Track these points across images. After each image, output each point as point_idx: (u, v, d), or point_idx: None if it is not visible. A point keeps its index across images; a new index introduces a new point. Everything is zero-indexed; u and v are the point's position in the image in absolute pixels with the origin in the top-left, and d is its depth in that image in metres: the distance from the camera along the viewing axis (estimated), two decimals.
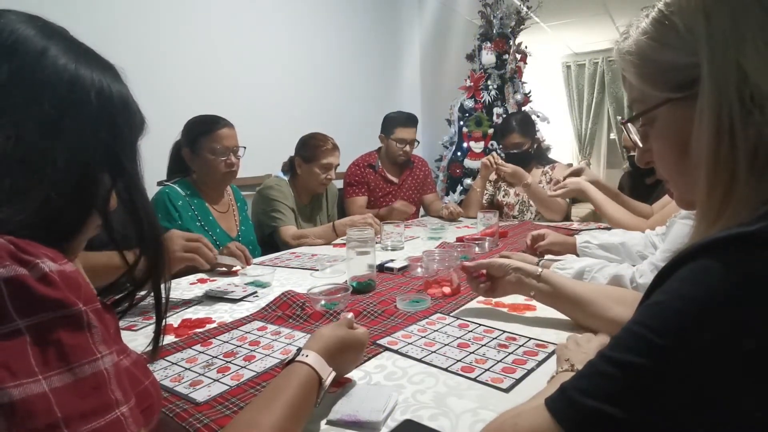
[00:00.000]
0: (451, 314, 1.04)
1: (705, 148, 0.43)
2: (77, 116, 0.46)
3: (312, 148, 2.11)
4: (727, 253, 0.37)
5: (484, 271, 1.05)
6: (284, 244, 1.96)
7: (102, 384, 0.38)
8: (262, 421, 0.53)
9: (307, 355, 0.63)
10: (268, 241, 2.02)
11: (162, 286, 0.55)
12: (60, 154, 0.45)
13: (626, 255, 1.32)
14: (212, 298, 1.20)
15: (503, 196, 2.60)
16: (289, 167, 2.19)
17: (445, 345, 0.87)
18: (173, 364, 0.83)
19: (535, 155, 2.53)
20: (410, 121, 2.59)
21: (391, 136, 2.57)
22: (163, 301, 0.57)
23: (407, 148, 2.57)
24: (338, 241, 1.98)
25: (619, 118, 6.33)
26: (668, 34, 0.47)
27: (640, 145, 0.56)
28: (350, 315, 0.83)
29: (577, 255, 1.41)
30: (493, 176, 2.63)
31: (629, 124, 0.56)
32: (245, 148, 1.74)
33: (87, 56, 0.49)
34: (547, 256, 1.35)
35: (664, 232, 1.24)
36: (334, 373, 0.64)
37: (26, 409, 0.33)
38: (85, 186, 0.47)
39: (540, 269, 0.97)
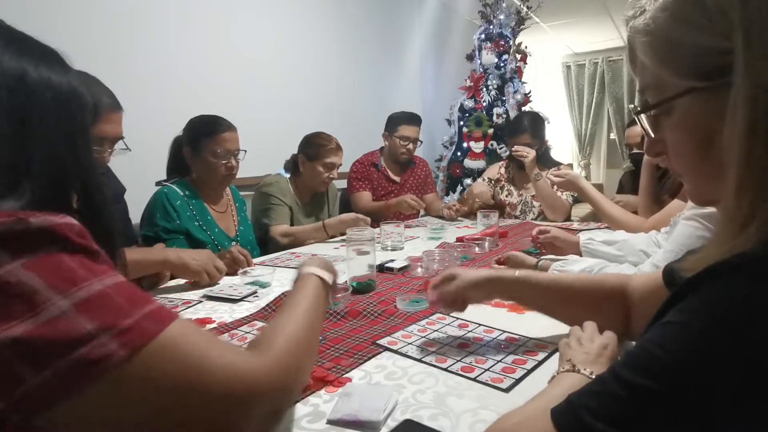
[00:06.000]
0: (451, 314, 1.04)
1: (737, 146, 0.38)
2: (36, 108, 0.46)
3: (316, 147, 2.13)
4: (755, 274, 0.34)
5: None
6: (274, 243, 1.96)
7: (134, 287, 0.44)
8: (293, 314, 0.60)
9: (307, 269, 0.74)
10: (265, 241, 2.02)
11: None
12: (36, 148, 0.45)
13: (629, 251, 1.31)
14: (212, 298, 1.20)
15: (506, 196, 2.59)
16: (292, 165, 2.20)
17: (445, 345, 0.87)
18: None
19: (542, 158, 2.48)
20: (414, 119, 2.63)
21: (394, 134, 2.59)
22: None
23: (410, 146, 2.59)
24: (338, 240, 1.98)
25: (632, 106, 6.26)
26: (694, 11, 0.41)
27: (652, 135, 0.50)
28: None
29: (580, 253, 1.41)
30: (496, 175, 2.63)
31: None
32: (246, 151, 1.75)
33: (27, 46, 0.48)
34: (548, 255, 1.35)
35: (668, 231, 1.23)
36: (333, 276, 0.76)
37: (96, 302, 0.39)
38: (60, 180, 0.47)
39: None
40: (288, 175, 2.20)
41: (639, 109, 0.49)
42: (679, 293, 0.38)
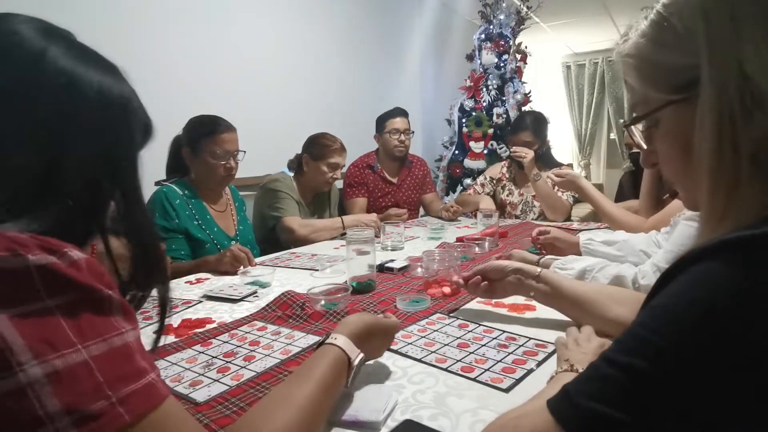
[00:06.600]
0: (451, 314, 1.04)
1: (707, 150, 0.42)
2: (79, 121, 0.45)
3: (321, 147, 2.15)
4: (733, 256, 0.36)
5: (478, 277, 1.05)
6: (289, 233, 1.96)
7: (131, 354, 0.40)
8: (294, 395, 0.55)
9: (336, 338, 0.66)
10: (269, 239, 2.03)
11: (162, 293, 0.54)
12: (69, 162, 0.43)
13: (629, 251, 1.31)
14: (212, 298, 1.21)
15: (507, 195, 2.59)
16: (296, 165, 2.21)
17: (445, 345, 0.87)
18: (173, 364, 0.83)
19: (543, 158, 2.47)
20: (399, 111, 2.63)
21: (384, 131, 2.59)
22: (163, 305, 0.55)
23: (402, 137, 2.58)
24: (338, 241, 1.98)
25: (622, 121, 6.31)
26: (667, 35, 0.47)
27: (644, 147, 0.56)
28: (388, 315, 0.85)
29: (580, 253, 1.41)
30: (498, 174, 2.63)
31: (633, 126, 0.55)
32: (245, 152, 1.75)
33: (88, 58, 0.48)
34: (548, 255, 1.35)
35: (669, 232, 1.23)
36: (362, 355, 0.67)
37: (71, 376, 0.35)
38: (94, 195, 0.46)
39: (539, 270, 0.96)
40: (291, 174, 2.21)
41: (628, 122, 0.56)
42: (666, 278, 0.41)
